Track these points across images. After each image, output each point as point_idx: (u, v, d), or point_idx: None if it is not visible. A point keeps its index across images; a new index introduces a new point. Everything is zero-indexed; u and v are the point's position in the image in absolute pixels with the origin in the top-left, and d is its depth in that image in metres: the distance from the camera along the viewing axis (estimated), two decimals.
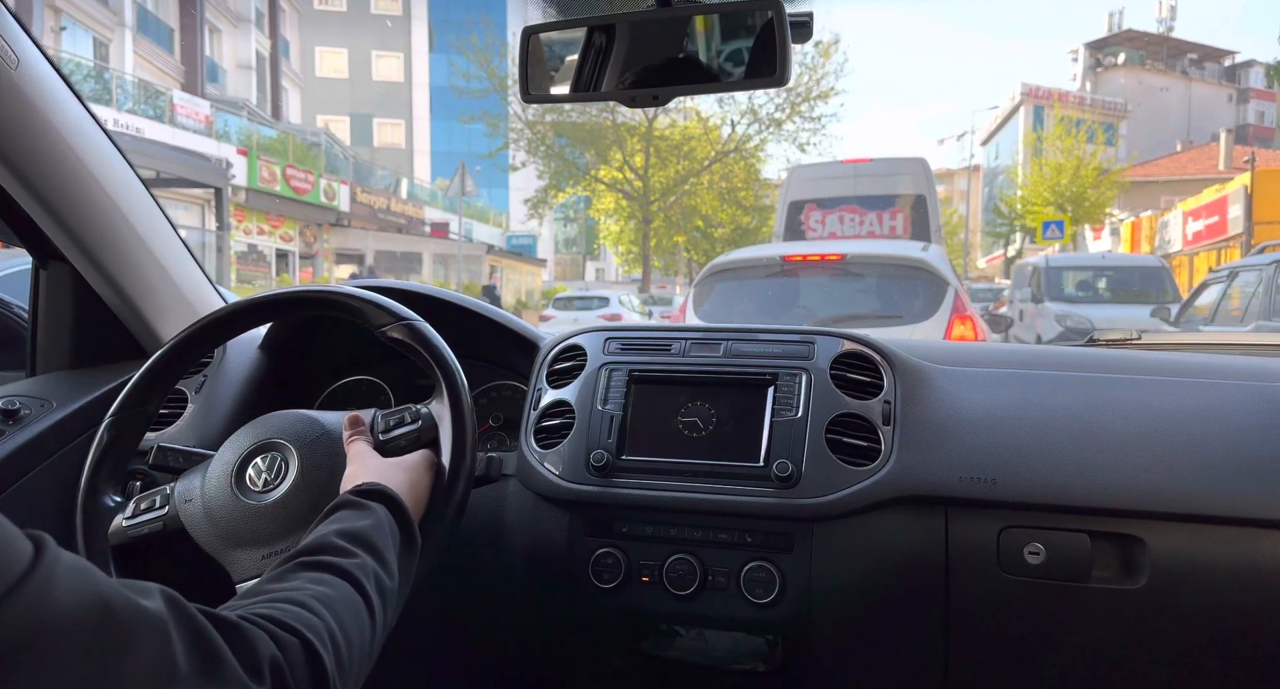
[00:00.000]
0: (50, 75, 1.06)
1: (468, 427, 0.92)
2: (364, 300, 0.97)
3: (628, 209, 21.59)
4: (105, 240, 1.14)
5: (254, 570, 0.88)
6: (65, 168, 1.07)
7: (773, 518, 1.01)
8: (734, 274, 4.44)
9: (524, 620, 1.14)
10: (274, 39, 27.47)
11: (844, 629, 1.03)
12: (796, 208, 9.21)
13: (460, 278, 18.28)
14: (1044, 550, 0.96)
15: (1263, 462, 0.95)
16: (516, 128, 20.36)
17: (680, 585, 1.03)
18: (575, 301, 15.98)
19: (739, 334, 1.15)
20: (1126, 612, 0.95)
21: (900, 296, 4.19)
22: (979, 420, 1.05)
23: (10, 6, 1.00)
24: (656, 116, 20.42)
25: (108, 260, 1.15)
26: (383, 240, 24.72)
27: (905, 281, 4.24)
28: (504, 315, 1.26)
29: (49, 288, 1.22)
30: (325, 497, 0.87)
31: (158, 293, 1.21)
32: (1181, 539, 0.94)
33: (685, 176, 20.81)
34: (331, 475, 0.90)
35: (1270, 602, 0.91)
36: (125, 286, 1.18)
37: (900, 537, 1.00)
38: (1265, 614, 0.92)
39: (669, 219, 21.57)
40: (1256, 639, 0.93)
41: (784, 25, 0.96)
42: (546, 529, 1.07)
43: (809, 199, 9.22)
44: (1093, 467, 0.97)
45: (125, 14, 19.38)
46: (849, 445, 1.03)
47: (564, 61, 1.06)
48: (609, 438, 1.07)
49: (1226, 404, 1.03)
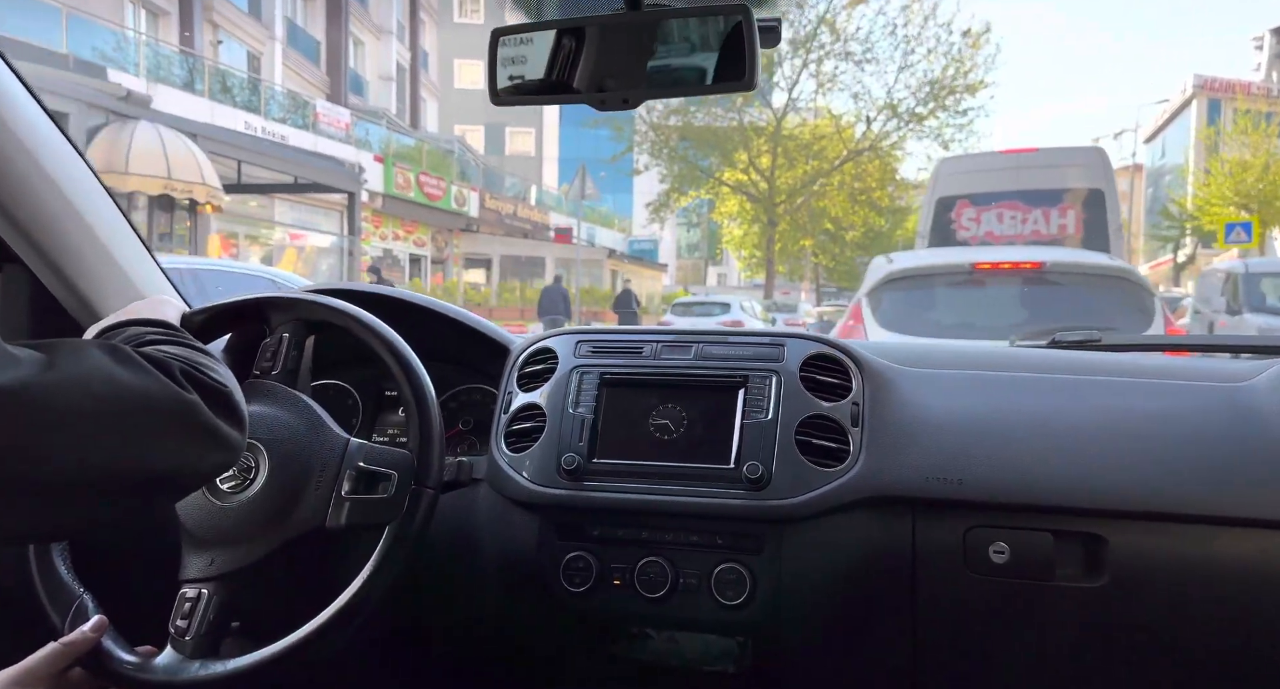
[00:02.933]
0: (4, 74, 1.05)
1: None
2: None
3: (752, 212, 21.40)
4: (61, 241, 1.14)
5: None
6: (18, 167, 1.06)
7: (743, 519, 1.03)
8: (914, 282, 4.30)
9: (495, 625, 1.17)
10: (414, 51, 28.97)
11: (814, 629, 1.05)
12: (945, 204, 8.16)
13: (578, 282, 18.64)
14: (1009, 550, 0.99)
15: (1220, 461, 0.98)
16: (641, 130, 20.57)
17: (651, 588, 1.05)
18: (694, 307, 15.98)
19: (710, 337, 1.18)
20: (1089, 609, 0.98)
21: (1107, 308, 4.04)
22: (945, 422, 1.07)
23: None
24: (786, 115, 20.17)
25: (64, 262, 1.15)
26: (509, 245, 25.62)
27: (1107, 292, 4.09)
28: (473, 318, 1.29)
29: (4, 292, 1.21)
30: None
31: (118, 295, 1.20)
32: (1142, 537, 0.97)
33: (814, 177, 20.41)
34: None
35: (1226, 597, 0.95)
36: (82, 289, 1.18)
37: (869, 537, 1.02)
38: (1222, 609, 0.95)
39: (795, 222, 21.25)
40: (1215, 634, 0.96)
41: (753, 30, 0.99)
42: (517, 533, 1.10)
43: (961, 194, 8.14)
44: (1056, 466, 1.00)
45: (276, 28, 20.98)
46: (818, 447, 1.05)
47: (533, 63, 1.09)
48: (580, 441, 1.09)
49: (1186, 405, 1.05)
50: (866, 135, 20.27)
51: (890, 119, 19.87)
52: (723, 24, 1.03)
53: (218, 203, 13.59)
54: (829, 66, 19.66)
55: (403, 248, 22.73)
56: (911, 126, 19.82)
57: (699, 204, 25.07)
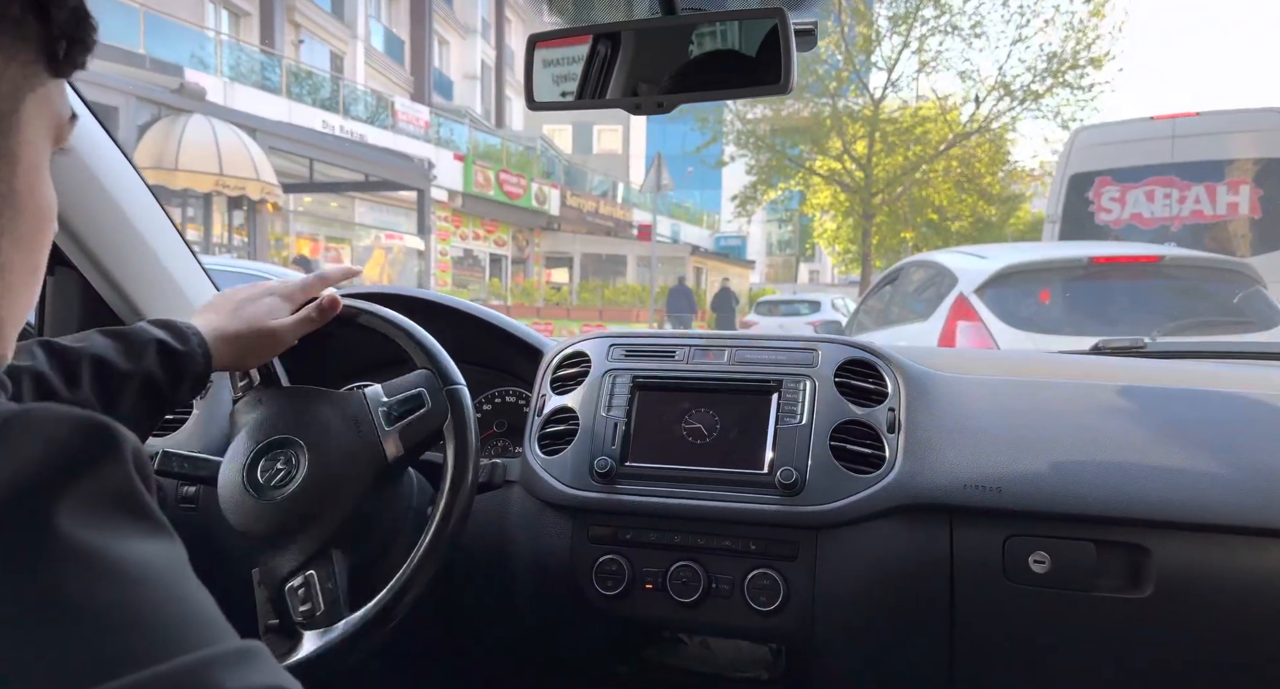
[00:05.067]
0: None
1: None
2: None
3: (846, 203, 20.95)
4: (112, 246, 1.22)
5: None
6: (70, 173, 1.13)
7: (776, 526, 1.07)
8: (1027, 278, 4.26)
9: (527, 628, 1.22)
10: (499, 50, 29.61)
11: (848, 638, 1.07)
12: (1081, 182, 7.00)
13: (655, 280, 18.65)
14: (1049, 559, 1.01)
15: (1270, 472, 0.99)
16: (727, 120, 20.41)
17: (684, 593, 1.09)
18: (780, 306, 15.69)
19: (743, 341, 1.22)
20: (1132, 621, 0.99)
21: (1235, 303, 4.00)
22: (984, 428, 1.09)
23: None
24: (885, 97, 19.71)
25: (114, 267, 1.23)
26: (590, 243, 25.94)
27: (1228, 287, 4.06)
28: (507, 321, 1.35)
29: (55, 295, 1.29)
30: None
31: (164, 299, 1.29)
32: (1187, 549, 0.98)
33: (916, 164, 19.79)
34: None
35: (1276, 611, 0.96)
36: (131, 293, 1.26)
37: (905, 545, 1.05)
38: (1271, 624, 0.95)
39: (894, 213, 20.68)
40: (1263, 649, 0.96)
41: (789, 34, 1.03)
42: (550, 536, 1.15)
43: (1101, 170, 6.95)
44: (1098, 475, 1.01)
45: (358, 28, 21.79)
46: (853, 453, 1.08)
47: (570, 69, 1.16)
48: (612, 444, 1.15)
49: (1233, 413, 1.06)
50: (974, 118, 19.60)
51: (1002, 98, 19.13)
52: (758, 27, 1.08)
53: (275, 200, 13.71)
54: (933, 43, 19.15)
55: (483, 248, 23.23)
56: (1027, 105, 19.02)
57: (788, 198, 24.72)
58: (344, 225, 19.73)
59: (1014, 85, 18.90)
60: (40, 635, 0.35)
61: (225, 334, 0.97)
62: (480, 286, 22.59)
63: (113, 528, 0.41)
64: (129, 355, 0.88)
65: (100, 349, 0.87)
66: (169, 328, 0.93)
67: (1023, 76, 18.81)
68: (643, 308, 20.55)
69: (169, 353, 0.90)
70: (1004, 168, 21.18)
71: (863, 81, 19.63)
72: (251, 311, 1.01)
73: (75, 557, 0.38)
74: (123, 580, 0.39)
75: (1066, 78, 18.39)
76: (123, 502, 0.43)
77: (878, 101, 19.54)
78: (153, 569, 0.40)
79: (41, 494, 0.39)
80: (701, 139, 20.61)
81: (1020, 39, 18.79)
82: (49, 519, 0.39)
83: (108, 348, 0.87)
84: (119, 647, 0.36)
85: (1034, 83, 18.74)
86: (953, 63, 23.63)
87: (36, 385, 0.81)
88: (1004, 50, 21.30)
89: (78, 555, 0.38)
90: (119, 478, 0.43)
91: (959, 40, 19.23)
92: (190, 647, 0.37)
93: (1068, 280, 4.24)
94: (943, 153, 19.92)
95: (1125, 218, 6.91)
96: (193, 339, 0.93)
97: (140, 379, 0.88)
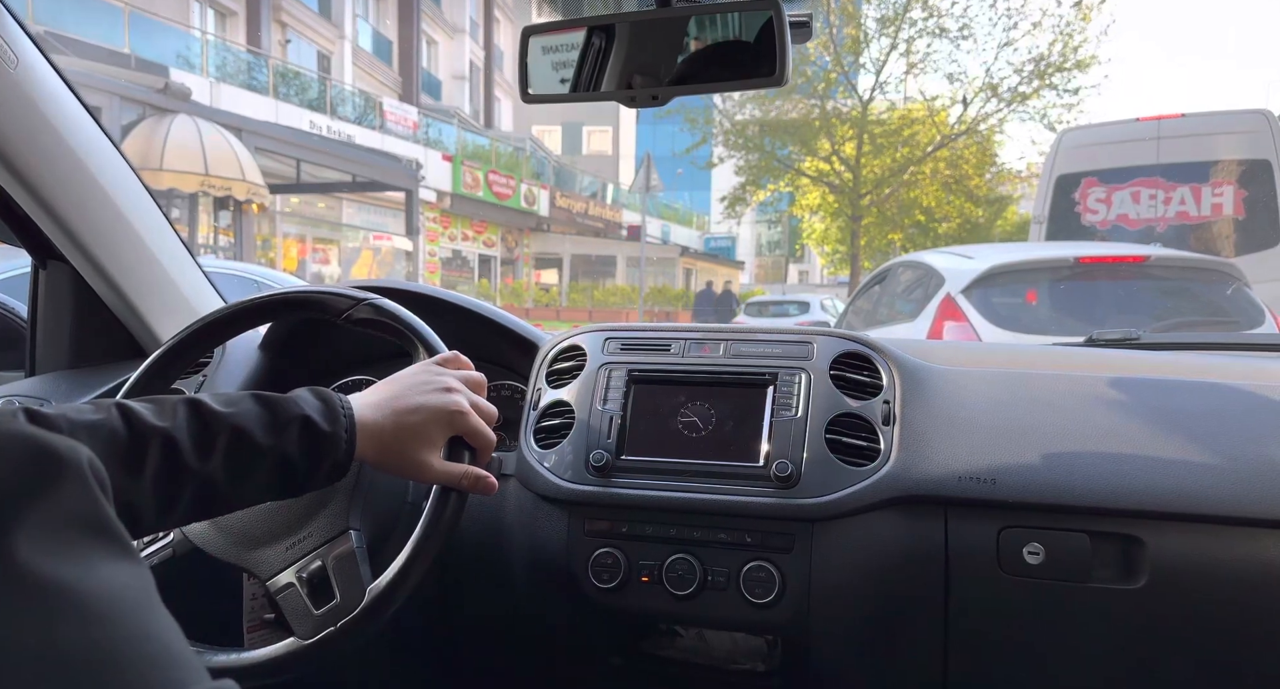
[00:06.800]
0: (49, 74, 1.12)
1: None
2: (322, 292, 1.07)
3: (834, 204, 21.05)
4: (105, 240, 1.22)
5: (281, 564, 0.95)
6: (64, 167, 1.13)
7: (772, 518, 1.07)
8: (1013, 278, 4.31)
9: (523, 620, 1.22)
10: (488, 50, 29.59)
11: (844, 629, 1.08)
12: (1068, 183, 7.19)
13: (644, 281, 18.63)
14: (1043, 550, 1.01)
15: (1264, 462, 0.99)
16: (716, 120, 20.45)
17: (680, 585, 1.09)
18: (770, 307, 15.74)
19: (738, 334, 1.22)
20: (1126, 612, 0.99)
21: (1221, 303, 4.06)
22: (978, 420, 1.09)
23: (9, 6, 1.07)
24: (873, 100, 19.80)
25: (107, 260, 1.23)
26: (580, 244, 25.95)
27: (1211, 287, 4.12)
28: (503, 314, 1.35)
29: (48, 288, 1.29)
30: (336, 486, 0.96)
31: (157, 293, 1.29)
32: (1181, 539, 0.98)
33: (904, 165, 19.92)
34: None
35: (1269, 602, 0.96)
36: (124, 286, 1.26)
37: (900, 537, 1.05)
38: (1264, 615, 0.96)
39: (883, 214, 20.76)
40: (1256, 640, 0.98)
41: (783, 26, 1.03)
42: (546, 529, 1.15)
43: (1087, 171, 7.13)
44: (1092, 466, 1.02)
45: (346, 28, 21.73)
46: (849, 445, 1.08)
47: (563, 61, 1.16)
48: (608, 438, 1.15)
49: (1226, 405, 1.06)
50: (962, 119, 19.73)
51: (989, 100, 19.27)
52: (753, 19, 1.08)
53: (261, 201, 13.64)
54: (921, 45, 19.27)
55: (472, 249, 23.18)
56: (1014, 107, 19.16)
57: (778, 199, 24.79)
58: (332, 226, 19.66)
59: (1001, 87, 19.08)
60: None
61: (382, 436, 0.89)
62: (469, 288, 22.55)
63: (77, 555, 0.39)
64: (272, 429, 0.82)
65: (245, 419, 0.81)
66: (324, 401, 0.87)
67: (1010, 79, 18.99)
68: (632, 309, 20.54)
69: (313, 434, 0.84)
70: (991, 170, 21.35)
71: (851, 83, 19.73)
72: (411, 429, 0.91)
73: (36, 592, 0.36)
74: (85, 617, 0.36)
75: (1053, 80, 18.57)
76: (86, 523, 0.40)
77: (866, 103, 19.66)
78: (119, 602, 0.38)
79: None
80: (691, 140, 20.67)
81: (1008, 42, 18.94)
82: (6, 548, 0.36)
83: (253, 418, 0.82)
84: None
85: (1021, 85, 18.92)
86: (940, 65, 23.84)
87: (164, 451, 0.76)
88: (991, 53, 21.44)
89: (39, 590, 0.36)
90: (80, 496, 0.40)
91: (947, 42, 19.40)
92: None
93: (1054, 280, 4.29)
94: (930, 154, 20.04)
95: (1111, 218, 7.04)
96: (343, 420, 0.86)
97: (276, 457, 0.82)
